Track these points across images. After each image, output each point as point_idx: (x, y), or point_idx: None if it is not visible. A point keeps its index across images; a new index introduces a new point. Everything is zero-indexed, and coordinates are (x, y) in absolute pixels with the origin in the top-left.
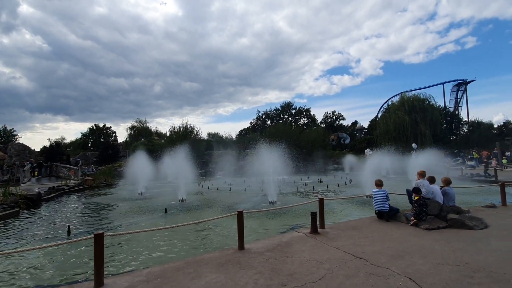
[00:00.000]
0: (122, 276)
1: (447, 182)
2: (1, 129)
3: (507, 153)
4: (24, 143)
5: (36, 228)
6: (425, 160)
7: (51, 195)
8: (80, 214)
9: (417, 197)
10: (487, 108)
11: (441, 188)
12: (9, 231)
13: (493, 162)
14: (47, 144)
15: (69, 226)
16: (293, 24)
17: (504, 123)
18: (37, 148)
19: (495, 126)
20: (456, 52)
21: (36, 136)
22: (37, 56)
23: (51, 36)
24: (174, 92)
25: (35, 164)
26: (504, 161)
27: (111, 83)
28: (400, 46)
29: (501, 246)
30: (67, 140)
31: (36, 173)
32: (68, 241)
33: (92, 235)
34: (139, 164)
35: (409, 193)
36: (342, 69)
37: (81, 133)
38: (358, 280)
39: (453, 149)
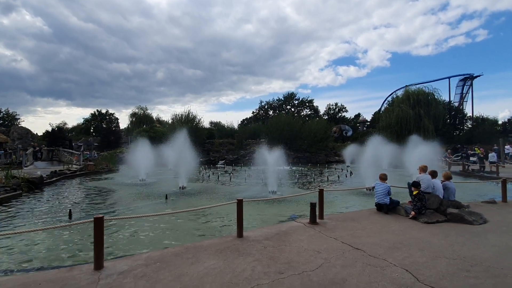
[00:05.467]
0: (122, 259)
1: (448, 177)
2: (4, 112)
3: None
4: (26, 127)
5: (38, 210)
6: (422, 153)
7: (53, 179)
8: (81, 198)
9: (416, 191)
10: (493, 103)
11: (441, 183)
12: (11, 213)
13: None
14: (49, 128)
15: (70, 209)
16: (301, 11)
17: (508, 119)
18: (39, 132)
19: (500, 122)
20: (466, 45)
21: (38, 120)
22: (38, 39)
23: (52, 18)
24: (177, 79)
25: (37, 149)
26: None
27: (113, 68)
28: (410, 37)
29: (499, 241)
30: (69, 125)
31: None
32: (69, 223)
33: (93, 219)
34: (140, 151)
35: (409, 186)
36: (348, 60)
37: (83, 118)
38: (355, 270)
39: (455, 144)
